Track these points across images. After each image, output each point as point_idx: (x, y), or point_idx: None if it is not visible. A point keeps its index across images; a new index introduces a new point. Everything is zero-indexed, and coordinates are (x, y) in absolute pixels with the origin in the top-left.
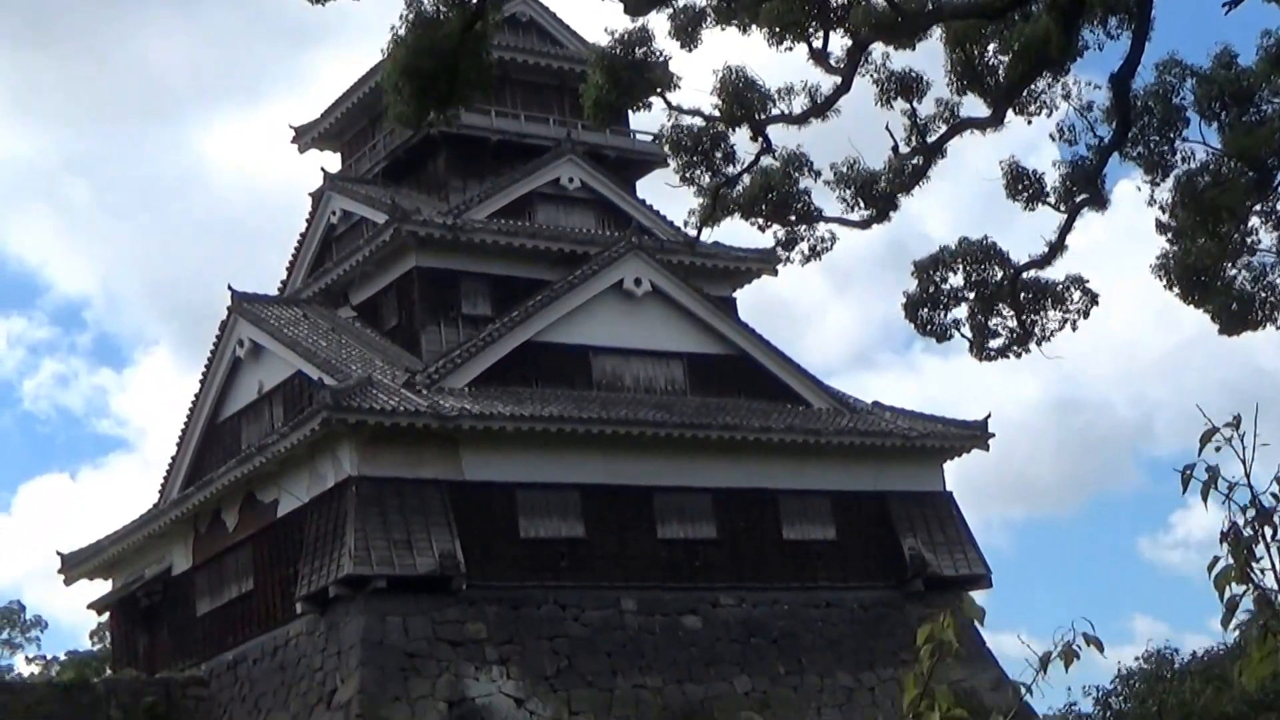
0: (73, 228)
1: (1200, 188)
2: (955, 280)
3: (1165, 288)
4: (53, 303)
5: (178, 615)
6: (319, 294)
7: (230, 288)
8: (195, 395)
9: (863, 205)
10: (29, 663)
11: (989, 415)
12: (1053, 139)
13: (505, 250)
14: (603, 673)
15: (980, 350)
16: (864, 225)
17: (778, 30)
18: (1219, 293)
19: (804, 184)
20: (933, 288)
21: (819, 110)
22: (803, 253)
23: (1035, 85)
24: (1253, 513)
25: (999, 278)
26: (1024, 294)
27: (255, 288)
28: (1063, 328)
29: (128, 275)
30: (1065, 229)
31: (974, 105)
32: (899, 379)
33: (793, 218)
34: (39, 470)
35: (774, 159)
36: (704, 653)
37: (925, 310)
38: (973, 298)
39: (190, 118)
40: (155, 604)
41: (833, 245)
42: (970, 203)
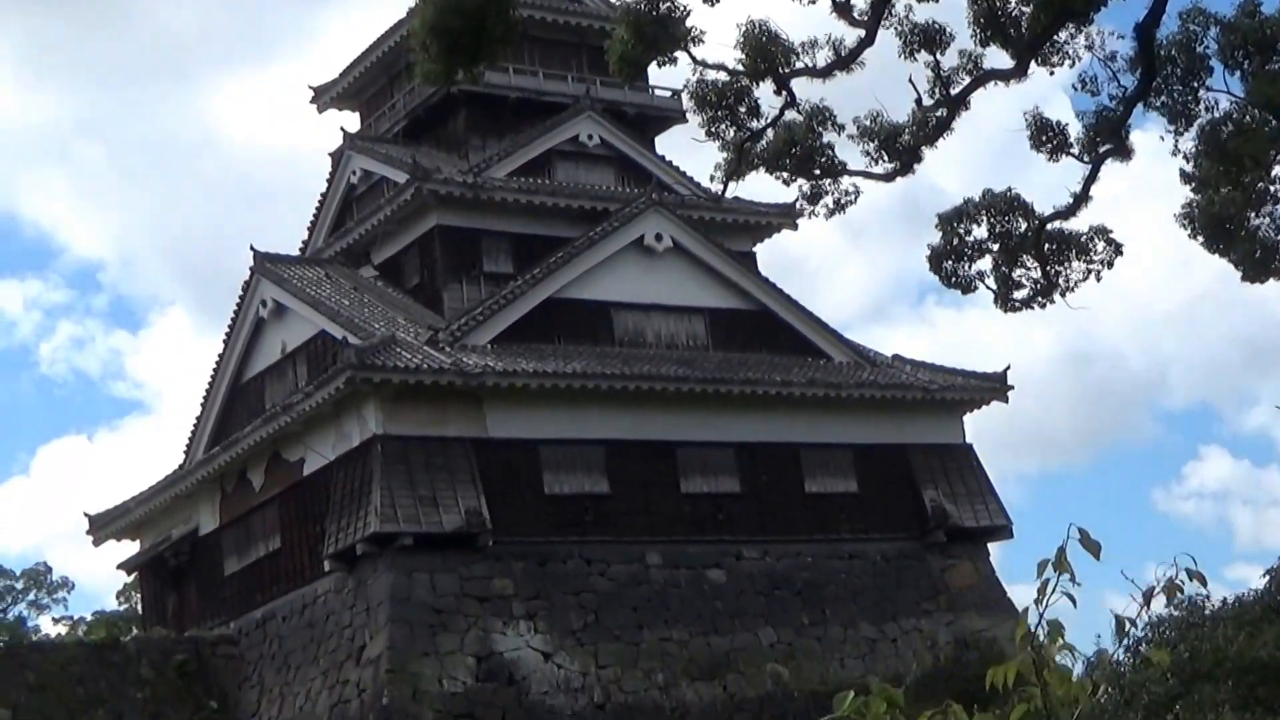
0: (87, 191)
1: (1224, 137)
2: (979, 232)
3: (1189, 237)
4: (68, 265)
5: (206, 574)
6: (340, 254)
7: (252, 248)
8: (219, 356)
9: (886, 158)
10: (56, 624)
11: (1008, 367)
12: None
13: (526, 208)
14: (629, 626)
15: (1005, 302)
16: (888, 178)
17: None
18: (1242, 241)
19: (828, 138)
20: (957, 240)
21: (843, 63)
22: (827, 207)
23: (1058, 36)
24: None
25: (1023, 229)
26: (1048, 245)
27: (270, 248)
28: (1086, 278)
29: (142, 237)
30: (1089, 180)
31: (997, 57)
32: (912, 332)
33: (817, 172)
34: (57, 433)
35: (798, 113)
36: (728, 605)
37: (950, 262)
38: (997, 249)
39: (202, 79)
40: (183, 564)
41: (856, 199)
42: (981, 156)
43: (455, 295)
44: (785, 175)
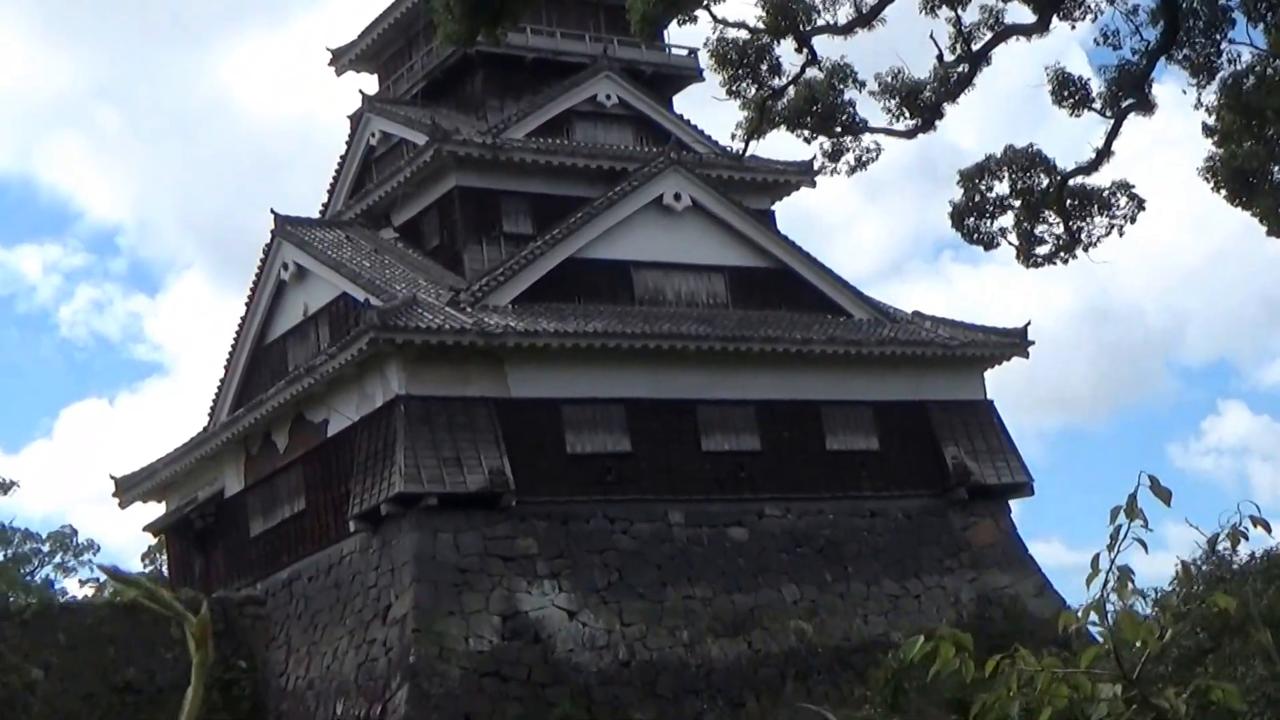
0: (104, 155)
1: (1246, 90)
2: (1001, 188)
3: (1212, 190)
4: (86, 229)
5: (232, 536)
6: (361, 216)
7: (273, 211)
8: (241, 318)
9: (907, 115)
10: (82, 586)
11: (1029, 323)
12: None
13: (545, 168)
14: (652, 585)
15: (1027, 258)
16: (909, 135)
17: None
18: (1266, 194)
19: (849, 95)
20: (978, 196)
21: (864, 20)
22: (848, 164)
23: None
24: None
25: (1045, 185)
26: (1070, 201)
27: (286, 210)
28: (1109, 234)
29: (160, 201)
30: (1111, 135)
31: (1018, 12)
32: (928, 289)
33: (838, 129)
34: (78, 396)
35: (819, 70)
36: (751, 563)
37: (972, 219)
38: (1019, 206)
39: (219, 42)
40: (209, 525)
41: (878, 156)
42: (996, 113)
43: (475, 256)
44: (806, 133)
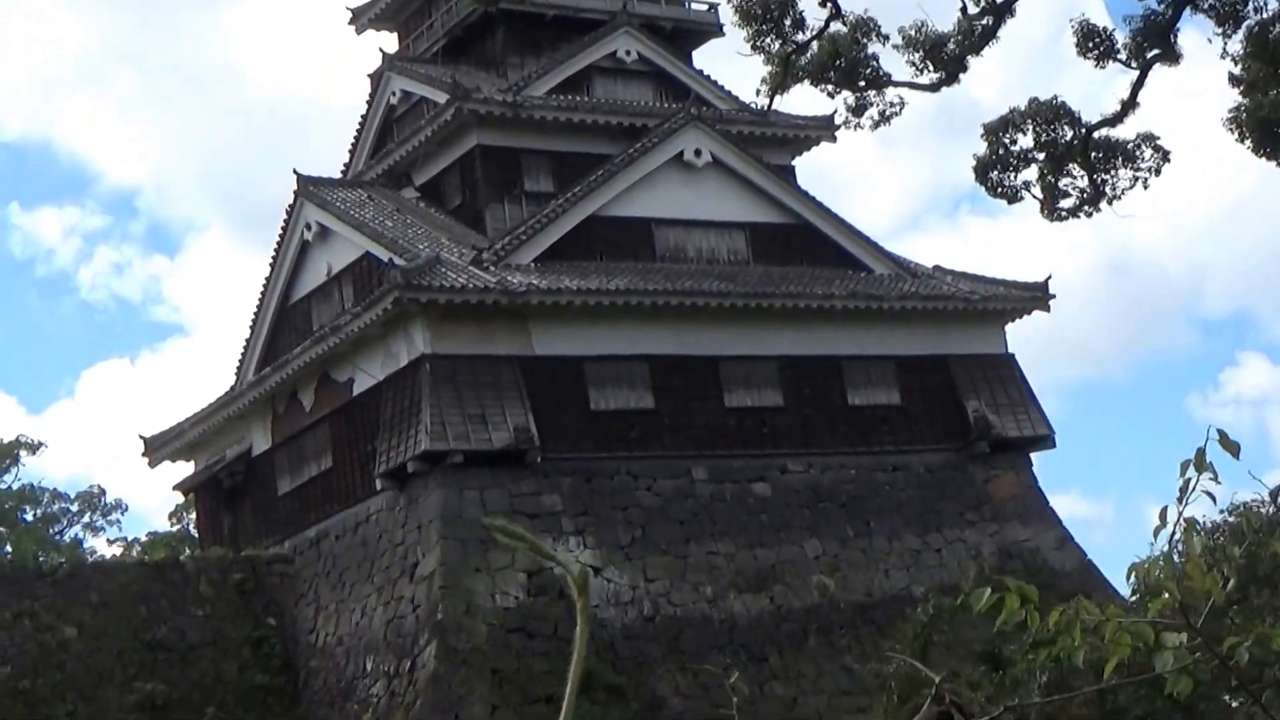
0: (121, 116)
1: (1272, 38)
2: (1025, 142)
3: (1237, 140)
4: (105, 192)
5: (260, 494)
6: (382, 176)
7: (295, 171)
8: (265, 279)
9: (931, 68)
10: (110, 545)
11: (1050, 276)
12: None
13: (565, 126)
14: (676, 541)
15: (1051, 211)
16: (933, 89)
17: None
18: None
19: (873, 49)
20: (1002, 150)
21: None
22: (872, 119)
23: None
24: None
25: (1069, 138)
26: (1095, 153)
27: (306, 170)
28: (1133, 186)
29: (177, 162)
30: (1137, 86)
31: None
32: (945, 242)
33: (862, 83)
34: (99, 358)
35: (843, 24)
36: (774, 518)
37: (995, 173)
38: (1043, 158)
39: (236, 2)
40: (238, 484)
41: (902, 110)
42: (1012, 65)
43: (497, 215)
44: (830, 88)
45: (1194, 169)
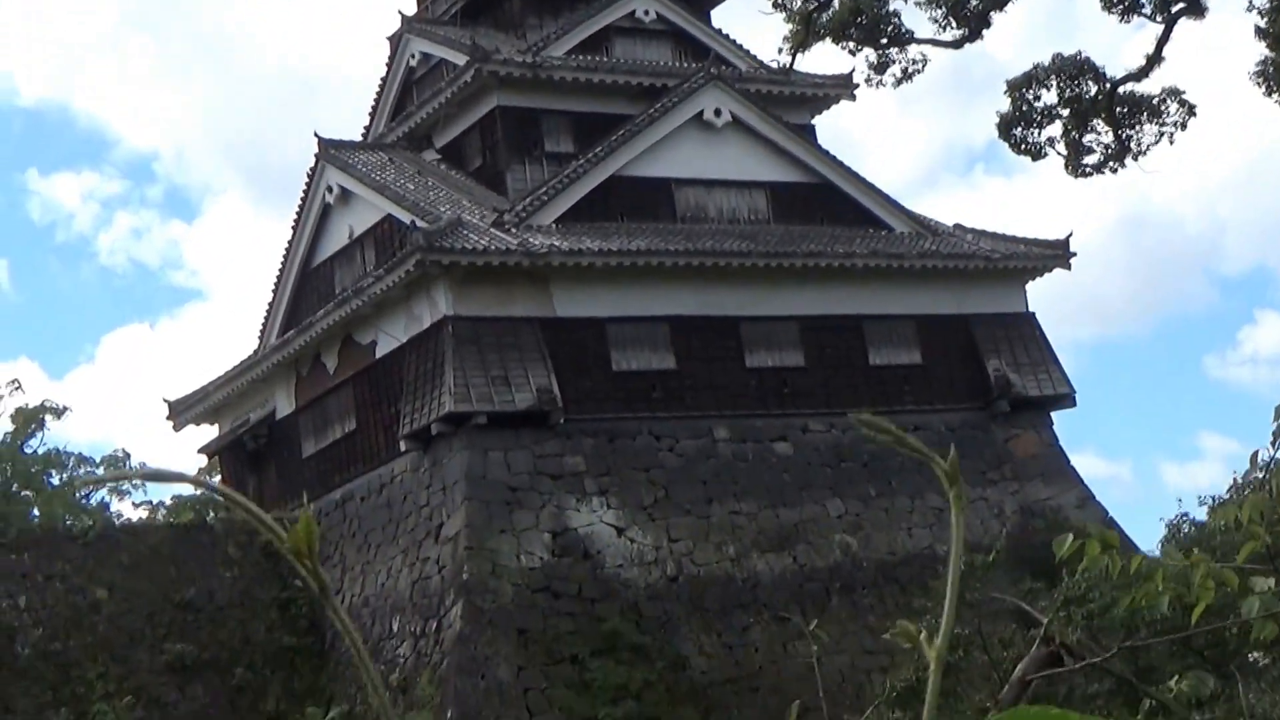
0: (138, 81)
1: None
2: (1048, 98)
3: (1264, 95)
4: (122, 157)
5: (284, 457)
6: (402, 138)
7: (316, 134)
8: (287, 242)
9: (954, 25)
10: (136, 508)
11: (1070, 234)
12: None
13: (585, 86)
14: (698, 501)
15: (1075, 167)
16: (956, 45)
17: None
18: None
19: (894, 6)
20: (1026, 106)
21: None
22: (894, 76)
23: None
24: None
25: (1093, 93)
26: (1120, 109)
27: (324, 133)
28: (1159, 141)
29: (194, 126)
30: (1162, 40)
31: None
32: (961, 201)
33: (884, 41)
34: (119, 322)
35: None
36: (796, 478)
37: (1019, 129)
38: (1067, 114)
39: None
40: (262, 447)
41: (924, 67)
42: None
43: (518, 176)
44: (851, 45)
45: (1219, 124)
